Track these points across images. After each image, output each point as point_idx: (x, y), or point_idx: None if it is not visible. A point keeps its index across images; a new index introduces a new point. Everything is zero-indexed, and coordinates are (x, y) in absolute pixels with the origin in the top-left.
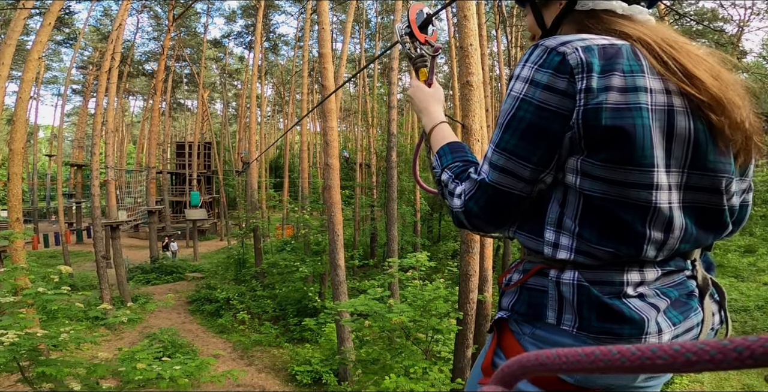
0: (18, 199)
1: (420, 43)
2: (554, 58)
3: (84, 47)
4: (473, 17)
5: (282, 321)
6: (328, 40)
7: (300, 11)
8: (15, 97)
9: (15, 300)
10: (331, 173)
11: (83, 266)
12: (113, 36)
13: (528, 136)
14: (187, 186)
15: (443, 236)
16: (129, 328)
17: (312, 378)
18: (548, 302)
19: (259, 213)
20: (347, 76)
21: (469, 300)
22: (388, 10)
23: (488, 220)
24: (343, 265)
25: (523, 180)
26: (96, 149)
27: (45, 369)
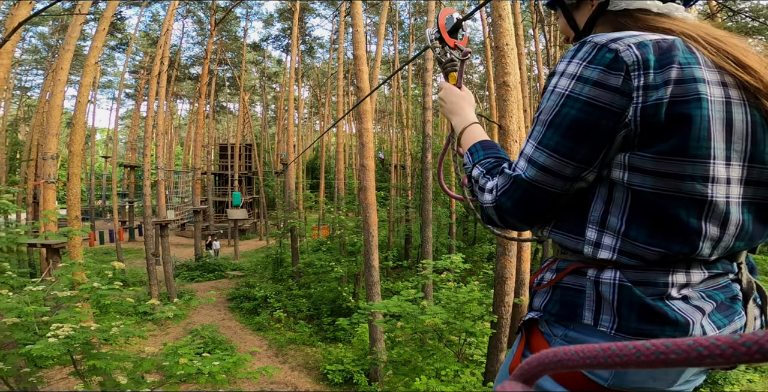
0: (77, 198)
1: (450, 47)
2: (606, 55)
3: (135, 52)
4: (508, 17)
5: (316, 320)
6: (362, 42)
7: (334, 14)
8: (74, 101)
9: (72, 295)
10: (366, 174)
11: (134, 263)
12: (161, 41)
13: (573, 133)
14: (230, 186)
15: (479, 238)
16: (174, 324)
17: (343, 377)
18: (585, 302)
19: (296, 213)
20: (382, 77)
21: (504, 304)
22: (421, 11)
23: (520, 217)
24: (377, 266)
25: (563, 178)
26: (147, 151)
27: (96, 363)
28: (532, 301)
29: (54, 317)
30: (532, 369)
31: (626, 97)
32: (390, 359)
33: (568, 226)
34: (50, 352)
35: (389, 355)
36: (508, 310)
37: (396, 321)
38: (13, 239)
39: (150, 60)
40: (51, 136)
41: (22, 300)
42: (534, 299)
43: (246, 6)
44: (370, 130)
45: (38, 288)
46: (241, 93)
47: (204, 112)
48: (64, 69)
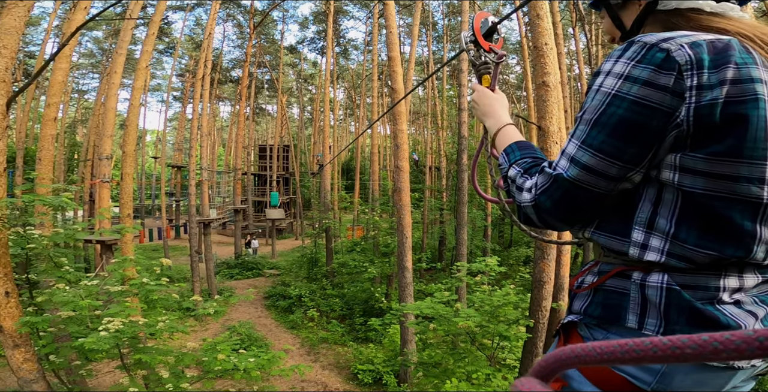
0: (129, 197)
1: (484, 50)
2: (656, 55)
3: (181, 56)
4: (547, 16)
5: (348, 320)
6: (396, 43)
7: (367, 16)
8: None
9: (122, 290)
10: (400, 176)
11: (179, 259)
12: (204, 44)
13: (619, 133)
14: (268, 187)
15: (515, 242)
16: (214, 320)
17: (373, 377)
18: (629, 305)
19: (331, 214)
20: (416, 79)
21: (541, 308)
22: (455, 11)
23: (560, 217)
24: (410, 267)
25: (607, 178)
26: (193, 152)
27: (142, 357)
28: (571, 304)
29: (106, 311)
30: (549, 366)
31: (678, 97)
32: (420, 361)
33: (613, 227)
34: (101, 346)
35: (420, 357)
36: (545, 315)
37: (428, 323)
38: (71, 235)
39: (194, 63)
40: (106, 138)
41: (77, 294)
42: (574, 302)
43: (282, 9)
44: (405, 131)
45: (92, 282)
46: (279, 95)
47: (244, 114)
48: (118, 73)
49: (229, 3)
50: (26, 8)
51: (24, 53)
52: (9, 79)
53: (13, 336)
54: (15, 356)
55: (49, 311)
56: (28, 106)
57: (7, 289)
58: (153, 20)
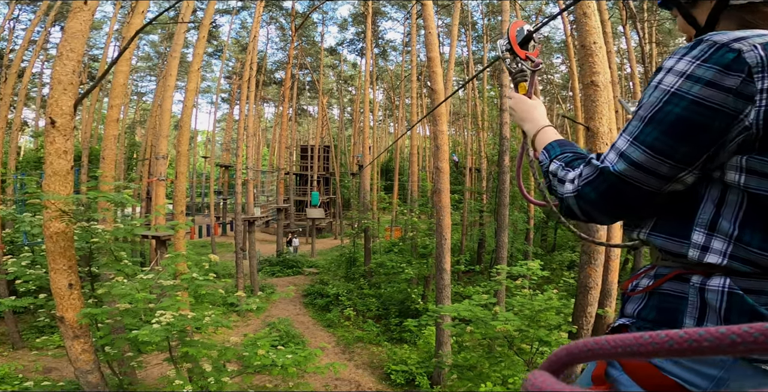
0: (183, 195)
1: (520, 58)
2: (726, 55)
3: (228, 58)
4: (594, 14)
5: (384, 320)
6: (435, 43)
7: (405, 16)
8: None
9: (174, 284)
10: (440, 177)
11: (224, 256)
12: (249, 47)
13: (675, 132)
14: (309, 186)
15: (559, 246)
16: (255, 316)
17: (406, 378)
18: (686, 308)
19: (370, 214)
20: (456, 79)
21: (586, 314)
22: (495, 11)
23: (604, 210)
24: (448, 269)
25: (656, 176)
26: (239, 152)
27: (189, 350)
28: (623, 307)
29: (158, 304)
30: (559, 360)
31: (745, 100)
32: (455, 363)
33: (671, 229)
34: (153, 338)
35: (455, 359)
36: (590, 321)
37: (465, 326)
38: (130, 230)
39: (241, 66)
40: (162, 138)
41: (134, 287)
42: (626, 305)
43: (321, 11)
44: (445, 132)
45: (147, 276)
46: (320, 96)
47: (287, 115)
48: (173, 75)
49: (272, 6)
50: (90, 12)
51: (88, 56)
52: (76, 82)
53: (74, 327)
54: (74, 347)
55: (108, 303)
56: (93, 107)
57: (71, 281)
58: (203, 24)
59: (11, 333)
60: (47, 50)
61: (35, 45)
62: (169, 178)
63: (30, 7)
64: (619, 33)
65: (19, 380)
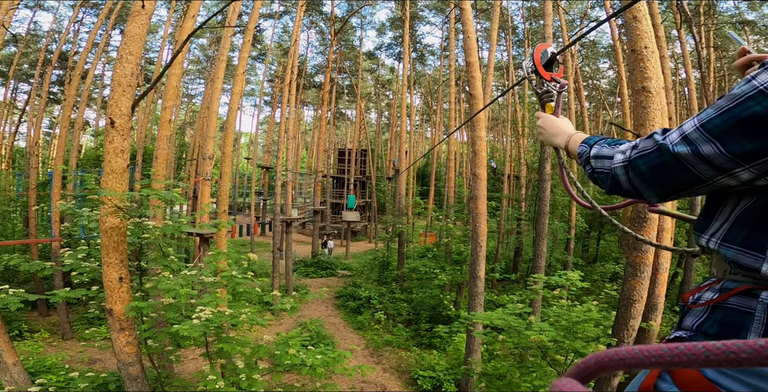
0: (226, 194)
1: (546, 80)
2: None
3: (271, 62)
4: (645, 18)
5: (414, 325)
6: (473, 48)
7: (444, 21)
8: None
9: (215, 281)
10: (477, 183)
11: (262, 255)
12: (291, 51)
13: (741, 126)
14: (345, 189)
15: (601, 257)
16: (289, 315)
17: (432, 384)
18: (752, 325)
19: (405, 219)
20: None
21: (628, 327)
22: (536, 15)
23: (650, 183)
24: (483, 277)
25: (711, 165)
26: (280, 154)
27: (224, 346)
28: (682, 320)
29: (199, 300)
30: (588, 368)
31: None
32: (484, 371)
33: (745, 240)
34: (191, 333)
35: (484, 368)
36: (632, 334)
37: (497, 334)
38: (178, 227)
39: (283, 69)
40: (209, 139)
41: (178, 282)
42: (686, 318)
43: (360, 16)
44: (483, 138)
45: (191, 272)
46: (358, 100)
47: (326, 119)
48: (220, 78)
49: (312, 10)
50: (147, 15)
51: (144, 59)
52: (134, 84)
53: (121, 319)
54: (119, 339)
55: (153, 297)
56: (148, 108)
57: (121, 275)
58: (248, 27)
59: (62, 324)
60: (108, 53)
61: (97, 47)
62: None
63: (93, 10)
64: (673, 37)
65: (65, 370)
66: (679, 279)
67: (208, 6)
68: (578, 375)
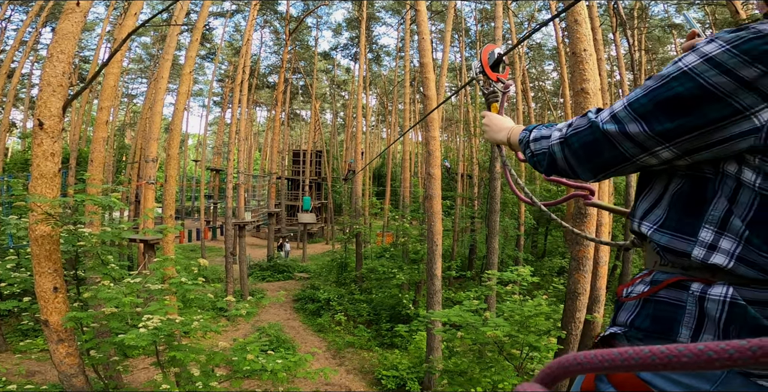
0: (172, 198)
1: (492, 80)
2: (761, 46)
3: (221, 62)
4: (585, 21)
5: (375, 325)
6: (428, 49)
7: (399, 22)
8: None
9: (162, 288)
10: (432, 183)
11: (214, 260)
12: (243, 50)
13: (664, 106)
14: (300, 191)
15: (549, 252)
16: (245, 320)
17: (397, 383)
18: (683, 318)
19: (362, 219)
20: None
21: (574, 320)
22: (488, 17)
23: (582, 161)
24: (439, 275)
25: (634, 142)
26: (231, 155)
27: (176, 354)
28: (616, 315)
29: (146, 309)
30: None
31: (762, 98)
32: (446, 368)
33: (678, 225)
34: (139, 342)
35: (445, 365)
36: (579, 326)
37: (456, 331)
38: (118, 234)
39: (234, 69)
40: (152, 141)
41: (120, 291)
42: (619, 313)
43: (316, 16)
44: (437, 138)
45: (135, 280)
46: (313, 101)
47: (280, 119)
48: (164, 78)
49: (266, 10)
50: (83, 13)
51: (79, 58)
52: (66, 84)
53: (59, 330)
54: (58, 350)
55: (93, 307)
56: (82, 109)
57: (56, 285)
58: (196, 26)
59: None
60: (37, 51)
61: (26, 46)
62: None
63: (23, 7)
64: (610, 40)
65: (2, 383)
66: (618, 272)
67: (152, 4)
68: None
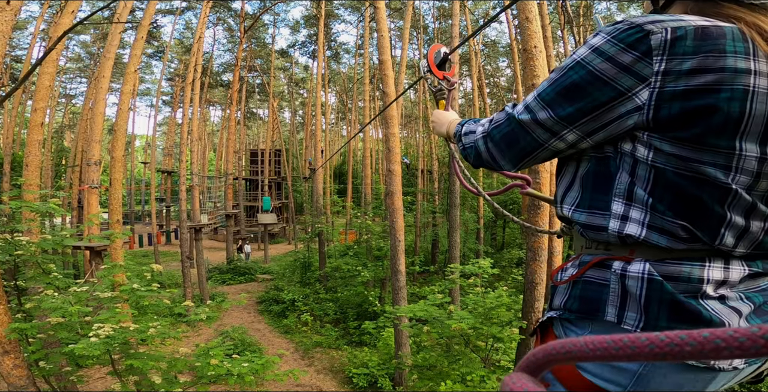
0: (118, 203)
1: (438, 79)
2: (634, 35)
3: (171, 60)
4: (536, 19)
5: (342, 323)
6: (387, 46)
7: (359, 19)
8: (115, 109)
9: (113, 296)
10: (393, 179)
11: (170, 265)
12: (194, 48)
13: (564, 93)
14: (260, 191)
15: (507, 244)
16: (206, 325)
17: (368, 381)
18: (608, 297)
19: (324, 218)
20: (407, 82)
21: (534, 309)
22: (446, 14)
23: (504, 151)
24: (403, 271)
25: (544, 128)
26: (183, 157)
27: (134, 362)
28: (552, 299)
29: (96, 317)
30: (538, 361)
31: (639, 80)
32: (415, 363)
33: (592, 203)
34: (91, 351)
35: (414, 360)
36: (538, 316)
37: (422, 326)
38: (59, 241)
39: (184, 67)
40: (94, 143)
41: (66, 300)
42: (554, 297)
43: (273, 13)
44: (397, 134)
45: (82, 289)
46: (271, 99)
47: (235, 119)
48: (106, 77)
49: (220, 7)
50: (13, 12)
51: (10, 57)
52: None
53: (2, 342)
54: (5, 362)
55: (38, 317)
56: (15, 110)
57: None
58: (142, 24)
59: None
60: None
61: None
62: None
63: None
64: (558, 37)
65: None
66: None
67: (92, 1)
68: (528, 369)
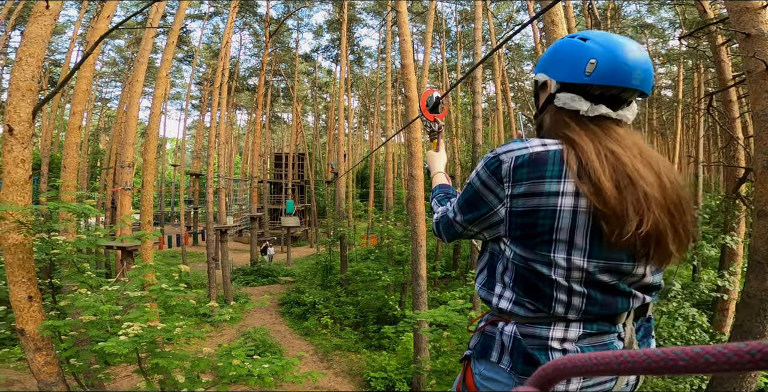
0: (150, 204)
1: (429, 121)
2: (494, 163)
3: (199, 64)
4: (561, 22)
5: (362, 327)
6: (409, 51)
7: (381, 24)
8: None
9: (142, 295)
10: (415, 184)
11: (196, 266)
12: (222, 53)
13: (464, 204)
14: (283, 194)
15: None
16: (229, 326)
17: (385, 385)
18: (494, 345)
19: (345, 222)
20: (430, 86)
21: None
22: (468, 18)
23: (444, 234)
24: (424, 276)
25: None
26: (211, 160)
27: (159, 361)
28: (471, 340)
29: (125, 316)
30: (548, 375)
31: (498, 199)
32: (434, 369)
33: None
34: (120, 350)
35: (433, 365)
36: None
37: (442, 331)
38: (94, 241)
39: (212, 72)
40: (128, 146)
41: (98, 299)
42: (471, 339)
43: (297, 18)
44: (419, 139)
45: (113, 288)
46: (295, 103)
47: (260, 122)
48: (139, 81)
49: (246, 12)
50: (52, 17)
51: (50, 61)
52: (36, 88)
53: (35, 339)
54: (36, 359)
55: (71, 315)
56: (54, 114)
57: (30, 294)
58: (173, 29)
59: None
60: (7, 54)
61: None
62: (136, 187)
63: None
64: None
65: None
66: None
67: (126, 6)
68: (538, 383)
